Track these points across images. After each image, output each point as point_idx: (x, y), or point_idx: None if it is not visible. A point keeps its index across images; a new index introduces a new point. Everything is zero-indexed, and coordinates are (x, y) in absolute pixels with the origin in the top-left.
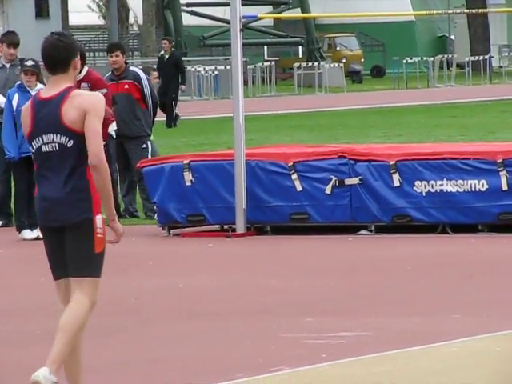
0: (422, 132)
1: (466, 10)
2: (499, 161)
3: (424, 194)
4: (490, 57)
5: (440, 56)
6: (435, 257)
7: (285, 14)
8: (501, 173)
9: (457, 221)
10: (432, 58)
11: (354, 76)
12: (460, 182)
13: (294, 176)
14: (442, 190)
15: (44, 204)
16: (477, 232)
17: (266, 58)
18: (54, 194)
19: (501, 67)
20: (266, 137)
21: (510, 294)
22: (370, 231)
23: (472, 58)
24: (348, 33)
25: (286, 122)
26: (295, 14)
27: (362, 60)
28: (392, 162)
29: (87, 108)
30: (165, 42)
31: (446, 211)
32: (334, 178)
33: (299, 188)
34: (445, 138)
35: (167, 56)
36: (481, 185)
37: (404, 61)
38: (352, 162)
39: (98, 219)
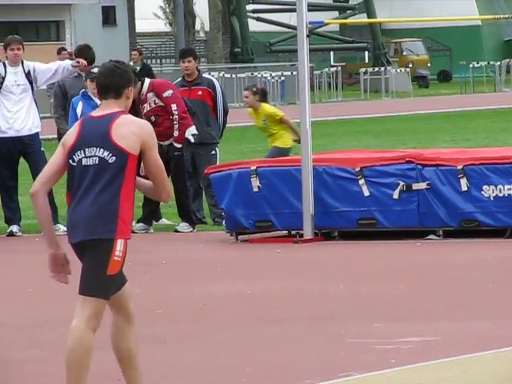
0: (489, 136)
1: None
2: None
3: (492, 199)
4: None
5: (507, 60)
6: (504, 261)
7: (351, 20)
8: None
9: None
10: (499, 63)
11: (420, 81)
12: None
13: (362, 181)
14: (510, 195)
15: (72, 219)
16: None
17: (332, 63)
18: (83, 209)
19: None
20: (333, 142)
21: None
22: (438, 236)
23: None
24: (414, 37)
25: (352, 128)
26: (361, 19)
27: (429, 65)
28: (459, 167)
29: (147, 139)
30: (135, 52)
31: None
32: (402, 183)
33: (366, 193)
34: None
35: (138, 68)
36: None
37: (471, 65)
38: (419, 166)
39: (120, 243)
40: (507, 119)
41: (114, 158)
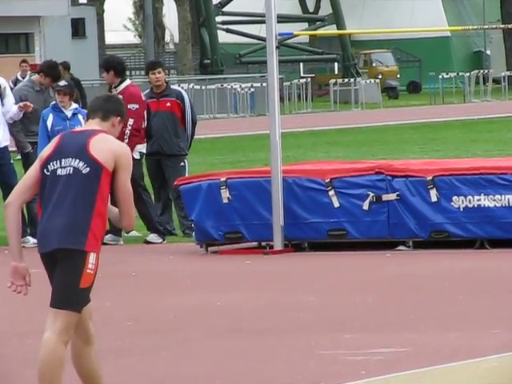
0: (458, 147)
1: (502, 25)
2: None
3: (462, 210)
4: None
5: (476, 71)
6: (473, 272)
7: (320, 31)
8: None
9: (495, 236)
10: (468, 74)
11: (390, 92)
12: (498, 196)
13: (332, 192)
14: (479, 205)
15: (44, 229)
16: None
17: (301, 74)
18: (55, 218)
19: None
20: (303, 153)
21: None
22: (408, 247)
23: (508, 73)
24: (384, 49)
25: (322, 139)
26: (331, 30)
27: (398, 76)
28: (429, 178)
29: (122, 159)
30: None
31: (484, 226)
32: (372, 194)
33: (336, 204)
34: (482, 153)
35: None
36: None
37: (440, 76)
38: (389, 177)
39: (93, 256)
40: (477, 130)
41: (88, 168)
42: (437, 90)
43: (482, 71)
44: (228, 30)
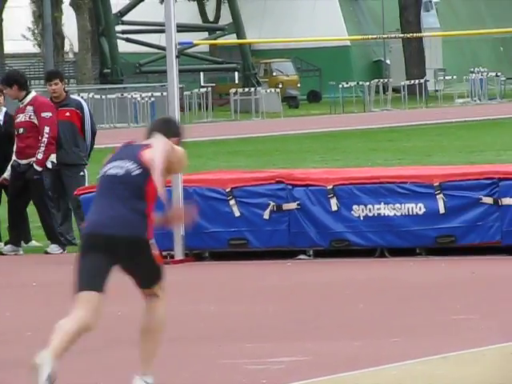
0: (359, 156)
1: (401, 35)
2: (436, 184)
3: (362, 218)
4: (426, 81)
5: (376, 80)
6: (374, 281)
7: (220, 40)
8: (438, 196)
9: (395, 244)
10: (368, 83)
11: (290, 101)
12: (397, 205)
13: (232, 202)
14: (379, 214)
15: (102, 217)
16: (415, 255)
17: (202, 84)
18: (111, 211)
19: (436, 91)
20: (204, 163)
21: (448, 317)
22: (309, 256)
23: (407, 82)
24: (284, 58)
25: (223, 148)
26: (231, 39)
27: (299, 85)
28: (329, 187)
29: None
30: None
31: (384, 235)
32: (272, 203)
33: (237, 214)
34: (382, 161)
35: None
36: (418, 208)
37: (340, 85)
38: (290, 187)
39: (151, 242)
40: (377, 139)
41: (138, 171)
42: (337, 99)
43: (381, 80)
44: (128, 40)
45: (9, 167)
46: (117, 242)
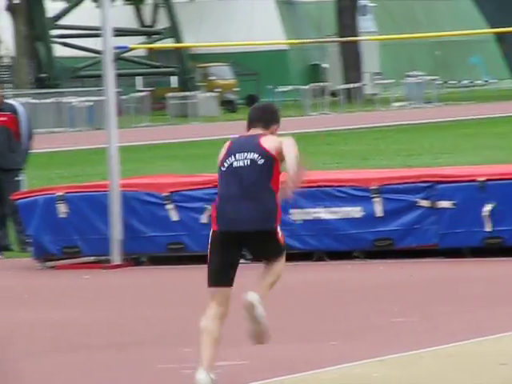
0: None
1: (338, 39)
2: (373, 188)
3: (299, 222)
4: (363, 84)
5: (313, 84)
6: (312, 284)
7: (157, 44)
8: (375, 199)
9: (333, 248)
10: (305, 87)
11: (228, 105)
12: (335, 209)
13: (170, 206)
14: (317, 218)
15: (231, 212)
16: (352, 259)
17: (139, 88)
18: (242, 203)
19: (373, 95)
20: (141, 167)
21: (385, 320)
22: (248, 260)
23: (345, 86)
24: (221, 62)
25: (160, 153)
26: (168, 43)
27: (236, 89)
28: None
29: (285, 143)
30: None
31: (322, 238)
32: (209, 207)
33: (175, 218)
34: (320, 165)
35: None
36: (355, 212)
37: (277, 89)
38: None
39: (278, 228)
40: (314, 143)
41: (262, 160)
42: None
43: (319, 84)
44: (64, 44)
45: None
46: (250, 237)
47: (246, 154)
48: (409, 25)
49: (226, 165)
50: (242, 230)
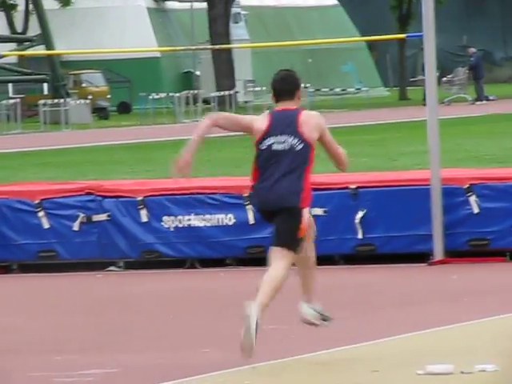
0: (170, 167)
1: (210, 46)
2: (246, 195)
3: (172, 229)
4: (236, 92)
5: (186, 92)
6: (184, 292)
7: (29, 51)
8: (247, 207)
9: (205, 255)
10: (178, 94)
11: (100, 112)
12: (207, 216)
13: (41, 213)
14: (189, 225)
15: (266, 192)
16: (225, 266)
17: (10, 95)
18: (277, 184)
19: (246, 102)
20: (12, 174)
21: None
22: (119, 267)
23: (218, 94)
24: (93, 69)
25: (32, 160)
26: (39, 51)
27: (109, 96)
28: (139, 198)
29: (323, 127)
30: None
31: (194, 246)
32: (82, 215)
33: (46, 225)
34: (193, 173)
35: None
36: (228, 219)
37: (150, 97)
38: (100, 198)
39: (305, 212)
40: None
41: (301, 146)
42: (147, 111)
43: (191, 92)
44: None
45: None
46: (277, 213)
47: (285, 137)
48: (281, 33)
49: (264, 144)
50: (271, 209)
